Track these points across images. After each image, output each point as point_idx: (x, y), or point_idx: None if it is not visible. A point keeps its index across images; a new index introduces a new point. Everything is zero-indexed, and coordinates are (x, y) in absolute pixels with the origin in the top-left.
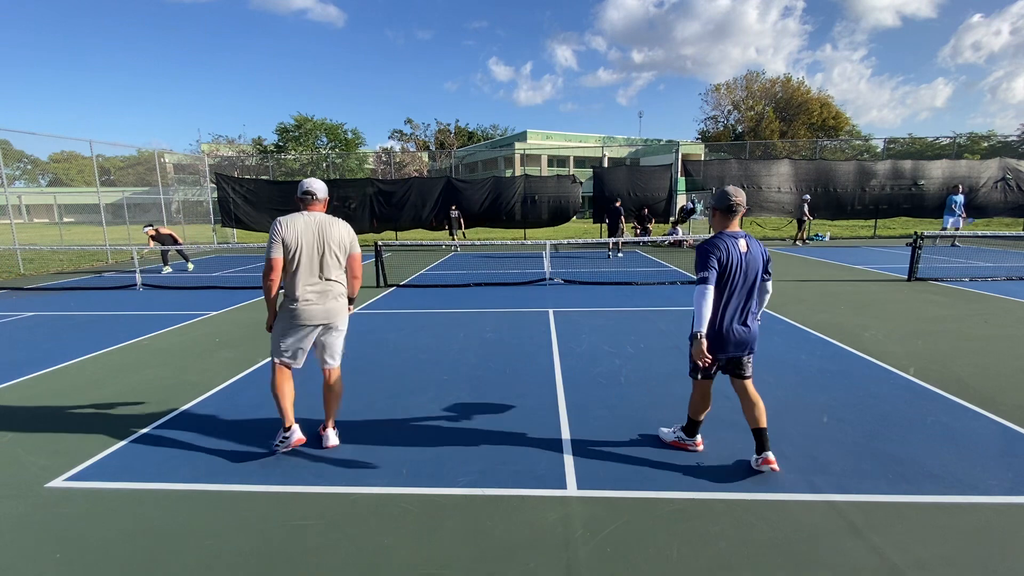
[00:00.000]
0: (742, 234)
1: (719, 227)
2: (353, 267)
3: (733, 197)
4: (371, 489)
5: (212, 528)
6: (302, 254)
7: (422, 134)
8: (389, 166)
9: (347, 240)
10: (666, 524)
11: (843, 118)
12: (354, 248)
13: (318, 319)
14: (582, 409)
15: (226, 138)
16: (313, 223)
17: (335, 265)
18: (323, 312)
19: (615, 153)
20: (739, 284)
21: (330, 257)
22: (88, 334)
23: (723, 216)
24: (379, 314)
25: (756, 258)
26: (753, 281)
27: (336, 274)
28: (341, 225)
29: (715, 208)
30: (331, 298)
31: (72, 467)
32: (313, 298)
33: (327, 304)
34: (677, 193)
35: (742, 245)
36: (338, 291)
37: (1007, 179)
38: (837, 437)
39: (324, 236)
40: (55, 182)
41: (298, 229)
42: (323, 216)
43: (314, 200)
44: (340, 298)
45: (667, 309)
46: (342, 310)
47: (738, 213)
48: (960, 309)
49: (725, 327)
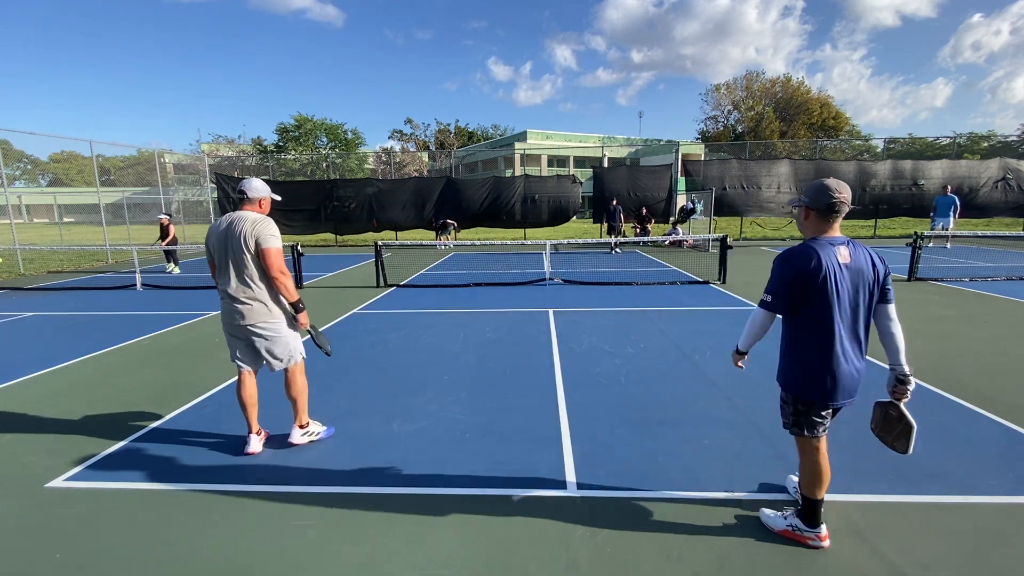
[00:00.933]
0: (842, 239)
1: (812, 231)
2: (266, 265)
3: (836, 193)
4: (371, 489)
5: (212, 528)
6: (218, 256)
7: (422, 134)
8: (389, 166)
9: (249, 236)
10: (667, 524)
11: (843, 118)
12: (263, 243)
13: (234, 323)
14: (582, 409)
15: (226, 138)
16: (227, 221)
17: (244, 265)
18: (236, 316)
19: (615, 153)
20: (845, 307)
21: (235, 257)
22: (88, 334)
23: (820, 218)
24: (379, 314)
25: (864, 270)
26: (865, 302)
27: (247, 275)
28: (249, 222)
29: (808, 207)
30: (243, 302)
31: (72, 467)
32: (226, 302)
33: (240, 308)
34: (677, 193)
35: (842, 254)
36: (251, 294)
37: (1007, 179)
38: (837, 437)
39: (229, 235)
40: (55, 182)
41: (216, 231)
42: (241, 215)
43: (245, 200)
44: (254, 302)
45: (667, 309)
46: (258, 314)
47: (841, 214)
48: (960, 309)
49: (835, 366)
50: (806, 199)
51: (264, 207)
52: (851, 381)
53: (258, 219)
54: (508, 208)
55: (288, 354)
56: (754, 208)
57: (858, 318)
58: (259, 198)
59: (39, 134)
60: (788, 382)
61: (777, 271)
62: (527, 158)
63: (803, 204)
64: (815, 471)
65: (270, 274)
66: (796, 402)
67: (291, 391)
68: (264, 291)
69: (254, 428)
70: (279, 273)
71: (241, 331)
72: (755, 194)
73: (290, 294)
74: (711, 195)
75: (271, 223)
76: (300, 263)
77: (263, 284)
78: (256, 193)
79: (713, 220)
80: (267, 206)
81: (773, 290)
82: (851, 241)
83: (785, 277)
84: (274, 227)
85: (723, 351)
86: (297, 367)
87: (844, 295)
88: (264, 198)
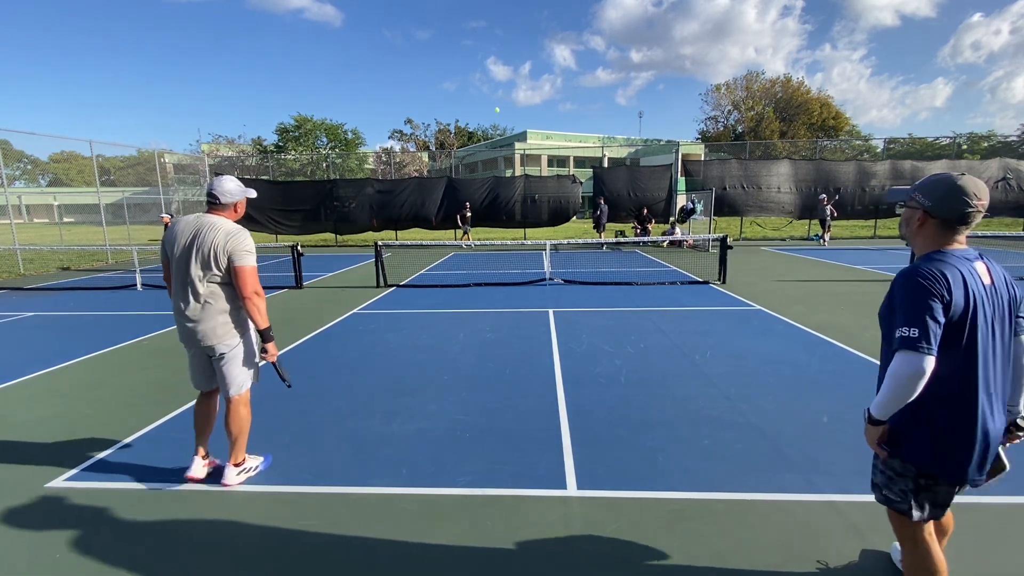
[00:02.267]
0: (974, 253)
1: (930, 245)
2: (238, 284)
3: (974, 199)
4: (371, 489)
5: (212, 528)
6: (177, 266)
7: (422, 134)
8: (389, 166)
9: (221, 250)
10: (666, 524)
11: (843, 118)
12: (238, 260)
13: (190, 341)
14: (582, 409)
15: (226, 138)
16: (192, 225)
17: (207, 278)
18: (193, 334)
19: (615, 153)
20: (992, 341)
21: (199, 268)
22: (88, 334)
23: (942, 229)
24: (379, 314)
25: (1004, 294)
26: (1005, 336)
27: (210, 288)
28: (222, 233)
29: (928, 214)
30: (203, 319)
31: (72, 467)
32: (181, 316)
33: (198, 325)
34: (677, 193)
35: (982, 272)
36: (212, 311)
37: (1007, 179)
38: (837, 437)
39: (197, 245)
40: (55, 182)
41: (175, 232)
42: (212, 221)
43: (216, 205)
44: (214, 319)
45: (667, 309)
46: (219, 334)
47: (974, 223)
48: None
49: (981, 427)
50: (927, 203)
51: (239, 211)
52: (995, 445)
53: (232, 231)
54: (508, 208)
55: (239, 384)
56: (754, 208)
57: (999, 358)
58: (233, 202)
59: (39, 134)
60: (910, 448)
61: (918, 295)
62: (527, 158)
63: (920, 208)
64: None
65: (243, 294)
66: (918, 476)
67: (232, 424)
68: (229, 309)
69: (201, 451)
70: (253, 294)
71: (198, 352)
72: (755, 194)
73: (261, 319)
74: (711, 195)
75: (247, 236)
76: (300, 263)
77: (228, 302)
78: (230, 197)
79: (713, 220)
80: (242, 209)
81: (924, 322)
82: (983, 255)
83: (934, 303)
84: (250, 240)
85: (723, 351)
86: (241, 398)
87: (988, 329)
88: (239, 201)
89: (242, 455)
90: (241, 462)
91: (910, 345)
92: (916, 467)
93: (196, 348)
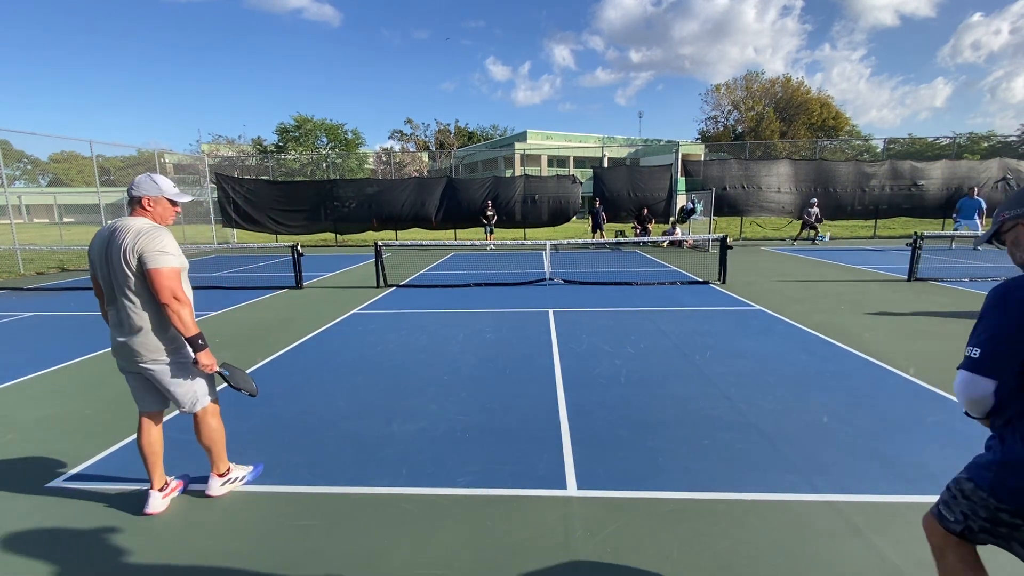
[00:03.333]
0: None
1: None
2: (152, 288)
3: None
4: (371, 489)
5: (212, 528)
6: (102, 276)
7: (422, 134)
8: (389, 166)
9: (131, 252)
10: (666, 524)
11: (843, 118)
12: (149, 261)
13: (120, 358)
14: (582, 409)
15: (226, 138)
16: (107, 232)
17: (125, 286)
18: (123, 350)
19: (615, 153)
20: None
21: (116, 278)
22: (88, 334)
23: None
24: (379, 314)
25: None
26: None
27: (131, 299)
28: (131, 233)
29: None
30: (129, 333)
31: (72, 467)
32: (112, 331)
33: (127, 342)
34: (677, 193)
35: None
36: (136, 323)
37: (1007, 179)
38: (837, 437)
39: (110, 250)
40: (55, 182)
41: (95, 242)
42: (123, 221)
43: (133, 202)
44: (140, 332)
45: (667, 309)
46: (148, 349)
47: None
48: (960, 309)
49: None
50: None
51: (157, 210)
52: None
53: (143, 229)
54: (508, 208)
55: (192, 399)
56: (754, 208)
57: None
58: (140, 196)
59: (39, 134)
60: (999, 482)
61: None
62: (527, 158)
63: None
64: None
65: (159, 299)
66: (999, 509)
67: (202, 438)
68: (153, 320)
69: (156, 483)
70: (171, 299)
71: (133, 368)
72: (755, 194)
73: (185, 327)
74: (711, 195)
75: (162, 234)
76: (300, 263)
77: (151, 311)
78: (136, 189)
79: (713, 220)
80: (162, 210)
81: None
82: None
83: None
84: (166, 240)
85: (723, 351)
86: (206, 411)
87: None
88: (152, 197)
89: (224, 465)
90: (225, 472)
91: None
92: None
93: (130, 366)
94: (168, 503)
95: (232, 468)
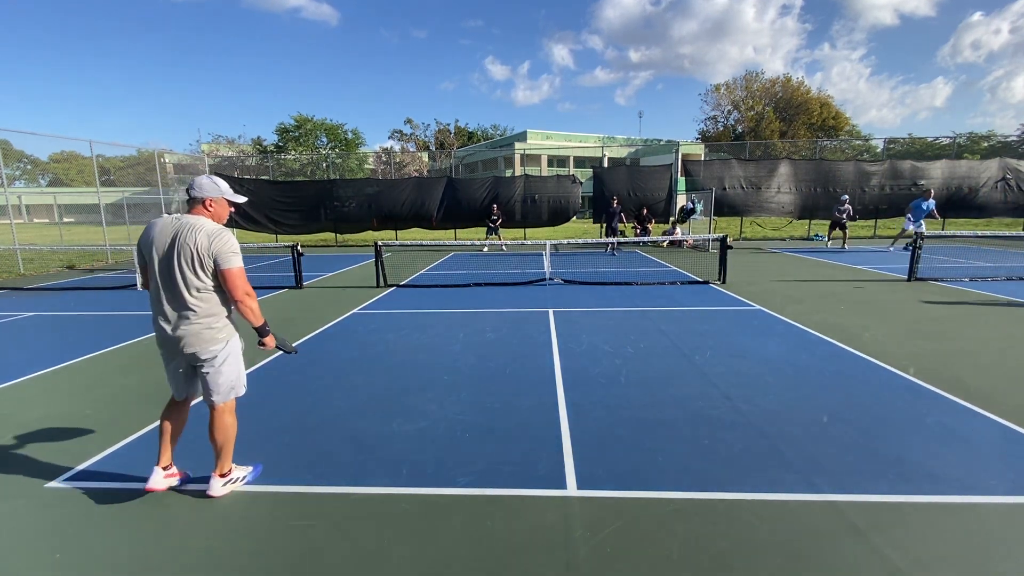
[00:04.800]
0: None
1: None
2: (227, 286)
3: None
4: (371, 489)
5: (213, 528)
6: (155, 265)
7: (422, 134)
8: (389, 166)
9: (205, 252)
10: (666, 524)
11: (843, 118)
12: (224, 262)
13: (172, 348)
14: (582, 409)
15: (226, 138)
16: (171, 227)
17: (190, 282)
18: (175, 341)
19: (615, 153)
20: None
21: (181, 271)
22: (88, 334)
23: None
24: (379, 314)
25: None
26: None
27: (192, 293)
28: (204, 233)
29: None
30: (185, 324)
31: (72, 467)
32: (163, 322)
33: (179, 331)
34: (677, 193)
35: None
36: (196, 316)
37: (1007, 179)
38: (837, 437)
39: (177, 246)
40: (55, 182)
41: (152, 234)
42: (190, 219)
43: (194, 201)
44: (197, 324)
45: (667, 309)
46: (204, 340)
47: None
48: (960, 309)
49: None
50: None
51: (215, 210)
52: None
53: (214, 231)
54: (508, 208)
55: (230, 386)
56: (754, 208)
57: None
58: (204, 198)
59: (39, 134)
60: None
61: None
62: (527, 158)
63: None
64: None
65: (234, 297)
66: None
67: (215, 434)
68: (214, 314)
69: (163, 460)
70: (244, 295)
71: (179, 359)
72: (755, 194)
73: (256, 318)
74: (711, 195)
75: (230, 236)
76: (300, 263)
77: (214, 306)
78: (201, 192)
79: (713, 220)
80: (220, 210)
81: None
82: None
83: None
84: (234, 241)
85: (723, 351)
86: (227, 405)
87: None
88: (214, 199)
89: (228, 465)
90: (227, 472)
91: None
92: None
93: (178, 355)
94: (166, 487)
95: (233, 468)
